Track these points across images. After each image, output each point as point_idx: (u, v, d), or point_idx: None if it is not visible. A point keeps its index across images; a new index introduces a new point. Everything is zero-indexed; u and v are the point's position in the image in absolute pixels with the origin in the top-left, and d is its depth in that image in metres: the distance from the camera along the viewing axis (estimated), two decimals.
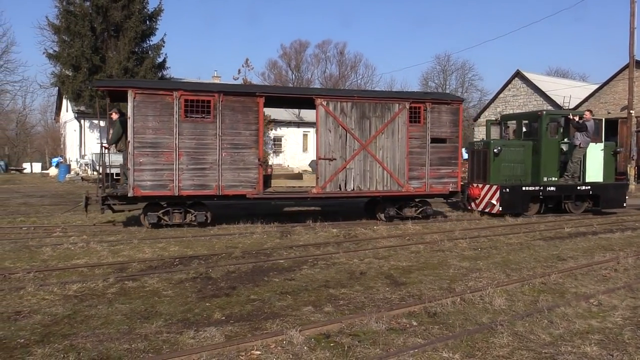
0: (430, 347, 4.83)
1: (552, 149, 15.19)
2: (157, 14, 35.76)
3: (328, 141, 12.67)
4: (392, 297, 6.61)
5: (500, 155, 14.88)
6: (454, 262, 8.73)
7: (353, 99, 12.92)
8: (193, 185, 11.71)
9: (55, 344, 4.84)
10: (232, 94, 12.07)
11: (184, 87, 11.96)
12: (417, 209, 13.82)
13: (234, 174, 11.96)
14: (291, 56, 75.69)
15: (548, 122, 15.07)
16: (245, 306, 6.13)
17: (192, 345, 4.84)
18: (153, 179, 11.45)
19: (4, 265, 8.18)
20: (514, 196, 14.60)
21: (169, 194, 11.59)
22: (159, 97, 11.46)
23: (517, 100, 39.24)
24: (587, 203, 15.71)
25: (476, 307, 6.12)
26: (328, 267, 8.25)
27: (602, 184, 15.57)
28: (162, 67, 36.38)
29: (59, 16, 33.38)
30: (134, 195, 11.39)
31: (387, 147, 13.09)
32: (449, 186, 13.68)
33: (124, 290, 6.75)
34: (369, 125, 12.94)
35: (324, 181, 12.67)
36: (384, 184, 13.11)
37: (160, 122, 11.44)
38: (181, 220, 12.00)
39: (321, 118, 12.64)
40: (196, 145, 11.70)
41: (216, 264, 8.33)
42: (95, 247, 9.58)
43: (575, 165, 15.20)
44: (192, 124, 11.67)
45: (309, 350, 4.75)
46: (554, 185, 15.06)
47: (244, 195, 12.08)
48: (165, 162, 11.50)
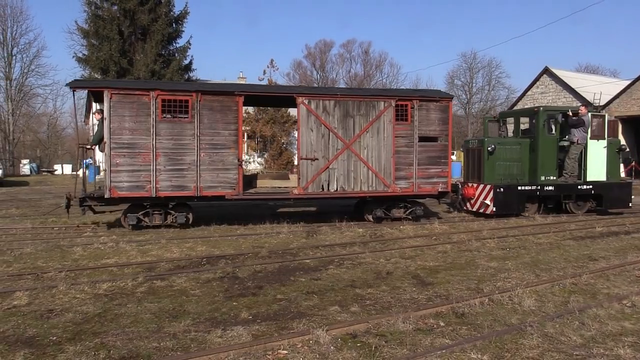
0: (458, 347, 4.78)
1: (549, 146, 14.56)
2: (183, 16, 36.15)
3: (310, 141, 12.35)
4: (419, 297, 6.56)
5: (495, 154, 14.38)
6: (481, 262, 8.62)
7: (336, 97, 12.58)
8: (171, 187, 11.57)
9: (86, 342, 4.93)
10: (210, 93, 11.88)
11: (160, 87, 11.87)
12: (406, 209, 13.37)
13: (212, 175, 11.77)
14: (316, 56, 75.83)
15: (545, 118, 14.49)
16: (272, 306, 6.16)
17: (219, 344, 4.88)
18: (130, 180, 11.35)
19: (36, 264, 8.39)
20: (509, 196, 14.08)
21: (147, 195, 11.47)
22: (136, 97, 11.36)
23: (546, 98, 38.55)
24: (589, 203, 15.08)
25: (505, 308, 6.03)
26: (354, 267, 8.23)
27: (606, 182, 14.87)
28: (189, 69, 36.77)
29: (88, 20, 34.02)
30: (110, 197, 11.32)
31: (372, 147, 12.70)
32: (439, 186, 13.18)
33: (152, 290, 6.84)
34: (353, 124, 12.58)
35: (305, 182, 12.34)
36: (369, 184, 12.71)
37: (137, 122, 11.33)
38: (161, 222, 11.92)
39: (302, 117, 12.35)
40: (174, 146, 11.56)
41: (243, 264, 8.39)
42: (124, 247, 9.74)
43: (573, 163, 14.56)
44: (169, 124, 11.53)
45: (335, 350, 4.74)
46: (553, 185, 14.46)
47: (224, 196, 11.92)
48: (142, 163, 11.38)
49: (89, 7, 33.76)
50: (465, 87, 69.59)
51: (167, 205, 12.04)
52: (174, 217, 11.98)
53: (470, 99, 68.16)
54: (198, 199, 11.93)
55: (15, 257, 8.90)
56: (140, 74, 33.08)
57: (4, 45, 49.75)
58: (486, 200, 14.09)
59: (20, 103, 52.61)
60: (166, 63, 34.90)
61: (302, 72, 75.30)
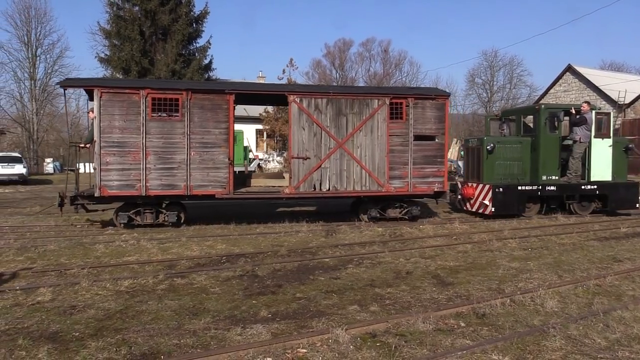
0: (479, 348, 4.72)
1: (551, 145, 14.04)
2: (203, 16, 36.42)
3: (301, 139, 12.18)
4: (439, 297, 6.51)
5: (495, 153, 13.99)
6: (503, 262, 8.52)
7: (328, 95, 12.39)
8: (161, 185, 11.53)
9: (108, 338, 4.99)
10: (200, 91, 11.82)
11: (150, 85, 11.84)
12: (403, 209, 13.14)
13: (203, 174, 11.71)
14: (335, 55, 75.77)
15: (547, 116, 13.96)
16: (291, 304, 6.17)
17: (239, 342, 4.90)
18: (120, 179, 11.35)
19: (60, 261, 8.52)
20: (509, 196, 13.68)
21: (137, 194, 11.45)
22: (126, 96, 11.34)
23: (569, 96, 37.99)
24: (594, 203, 14.58)
25: (527, 309, 5.95)
26: (374, 266, 8.20)
27: (611, 183, 14.33)
28: (209, 69, 37.03)
29: (110, 21, 34.47)
30: (100, 195, 11.35)
31: (366, 145, 12.49)
32: (435, 186, 12.86)
33: (173, 287, 6.90)
34: (346, 123, 12.38)
35: (297, 181, 12.19)
36: (362, 183, 12.50)
37: (127, 121, 11.32)
38: (152, 221, 11.92)
39: (294, 115, 12.18)
40: (164, 145, 11.52)
41: (262, 262, 8.42)
42: (145, 245, 9.85)
43: (577, 162, 14.08)
44: (159, 123, 11.49)
45: (355, 350, 4.73)
46: (554, 185, 14.01)
47: (214, 195, 11.85)
48: (132, 161, 11.36)
49: (110, 8, 34.22)
50: (486, 85, 68.89)
51: (160, 204, 12.00)
52: (166, 216, 11.99)
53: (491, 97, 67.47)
54: (188, 198, 11.87)
55: (39, 254, 9.06)
56: (161, 73, 33.40)
57: (28, 46, 50.68)
58: (485, 201, 13.74)
59: (44, 103, 53.51)
60: (186, 63, 35.20)
61: (321, 71, 75.33)
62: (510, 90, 66.88)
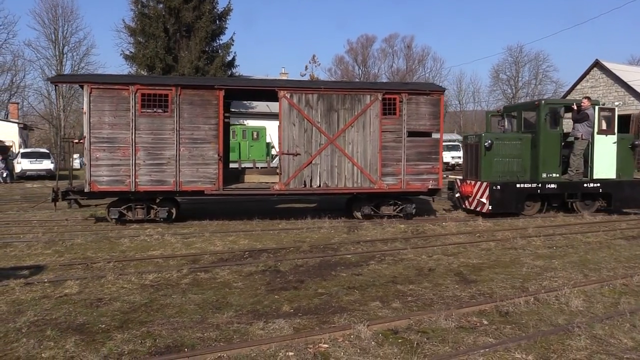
0: (502, 347, 4.69)
1: (552, 142, 13.53)
2: (227, 13, 36.67)
3: (292, 135, 12.07)
4: (462, 294, 6.47)
5: (493, 150, 13.53)
6: (527, 260, 8.42)
7: (319, 91, 12.24)
8: (150, 181, 11.56)
9: (134, 330, 5.09)
10: (190, 87, 11.81)
11: (140, 81, 11.87)
12: (397, 207, 12.93)
13: (192, 170, 11.71)
14: (357, 51, 75.64)
15: (547, 112, 13.47)
16: (313, 300, 6.19)
17: (261, 336, 4.94)
18: (110, 175, 11.41)
19: (86, 254, 8.70)
20: (506, 194, 13.27)
21: (126, 189, 11.51)
22: (115, 92, 11.39)
23: (596, 92, 37.25)
24: (598, 202, 14.13)
25: (551, 308, 5.88)
26: (396, 263, 8.18)
27: (615, 180, 13.85)
28: (232, 65, 37.28)
29: (135, 19, 34.93)
30: (90, 191, 11.42)
31: (358, 141, 12.31)
32: (429, 183, 12.63)
33: (196, 281, 6.99)
34: (337, 118, 12.22)
35: (287, 177, 12.08)
36: (353, 180, 12.33)
37: (116, 117, 11.38)
38: (143, 217, 11.96)
39: (284, 111, 12.06)
40: (153, 140, 11.54)
41: (284, 258, 8.46)
42: (169, 239, 9.98)
43: (578, 159, 13.60)
44: (149, 119, 11.53)
45: (376, 346, 4.73)
46: (555, 182, 13.58)
47: (203, 191, 11.87)
48: (122, 157, 11.41)
49: (135, 6, 34.67)
50: (511, 81, 68.09)
51: (153, 199, 12.02)
52: (157, 212, 12.01)
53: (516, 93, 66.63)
54: (177, 194, 11.91)
55: (67, 248, 9.25)
56: (184, 70, 33.73)
57: (55, 44, 51.71)
58: (482, 199, 13.36)
59: (71, 100, 54.51)
60: (210, 59, 35.49)
61: (343, 68, 75.32)
62: (536, 86, 66.03)
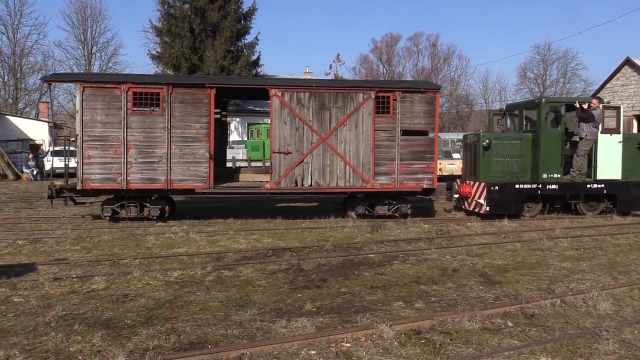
0: (527, 349, 4.62)
1: (553, 141, 13.05)
2: (251, 13, 36.91)
3: (283, 134, 12.00)
4: (486, 296, 6.39)
5: (492, 149, 13.15)
6: (553, 262, 8.28)
7: (311, 89, 12.14)
8: (142, 179, 11.61)
9: (158, 326, 5.16)
10: (181, 85, 11.84)
11: (132, 80, 11.91)
12: (392, 206, 12.75)
13: (183, 168, 11.72)
14: (382, 50, 75.20)
15: (548, 110, 13.02)
16: (336, 299, 6.19)
17: (284, 334, 4.96)
18: (102, 172, 11.50)
19: (113, 251, 8.85)
20: (505, 195, 12.89)
21: (118, 187, 11.58)
22: (107, 90, 11.46)
23: (627, 90, 36.41)
24: (603, 204, 13.61)
25: (578, 311, 5.77)
26: (419, 263, 8.13)
27: (621, 181, 13.36)
28: (256, 65, 37.50)
29: (161, 19, 35.41)
30: (82, 188, 11.54)
31: (350, 140, 12.17)
32: (423, 183, 12.41)
33: (220, 279, 7.05)
34: (329, 117, 12.10)
35: (278, 176, 12.00)
36: (346, 179, 12.19)
37: (108, 115, 11.45)
38: (136, 214, 12.00)
39: (275, 110, 12.00)
40: (145, 139, 11.59)
41: (307, 257, 8.48)
42: (194, 237, 10.09)
43: (582, 160, 13.11)
44: (140, 117, 11.57)
45: (399, 346, 4.71)
46: (556, 183, 13.11)
47: (194, 189, 11.87)
48: (113, 155, 11.49)
49: (162, 6, 35.13)
50: (539, 79, 66.83)
51: (146, 197, 12.08)
52: (149, 210, 12.06)
53: (543, 92, 65.48)
54: (168, 192, 11.97)
55: (94, 244, 9.43)
56: (210, 69, 34.05)
57: (84, 44, 52.62)
58: (480, 200, 13.00)
59: None
60: (235, 59, 35.76)
61: (368, 67, 75.00)
62: (564, 85, 64.66)
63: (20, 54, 49.43)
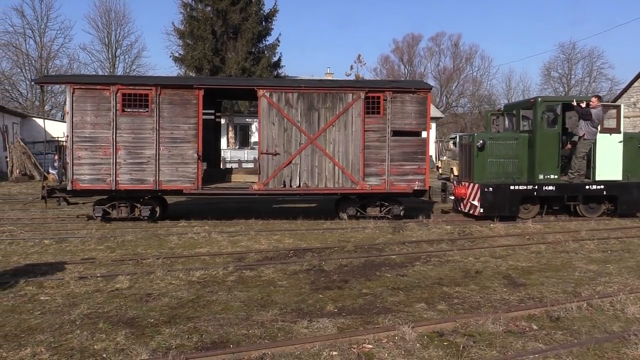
0: (552, 353, 4.54)
1: (549, 141, 12.67)
2: (273, 14, 37.00)
3: (271, 135, 11.95)
4: (510, 298, 6.30)
5: (486, 150, 12.82)
6: (579, 264, 8.13)
7: (299, 90, 12.04)
8: (131, 180, 11.69)
9: (181, 325, 5.20)
10: (170, 87, 11.86)
11: (121, 81, 11.98)
12: (384, 208, 12.60)
13: (172, 169, 11.76)
14: (403, 50, 74.92)
15: (544, 110, 12.64)
16: (357, 300, 6.17)
17: (305, 335, 4.96)
18: (91, 173, 11.60)
19: (136, 251, 8.95)
20: (499, 197, 12.58)
21: (107, 187, 11.67)
22: (97, 92, 11.56)
23: None
24: (604, 205, 13.23)
25: (605, 314, 5.65)
26: (441, 265, 8.06)
27: (621, 182, 12.93)
28: (278, 66, 37.60)
29: (184, 21, 35.71)
30: (73, 189, 11.64)
31: (339, 141, 12.05)
32: (415, 184, 12.23)
33: (242, 279, 7.08)
34: (318, 118, 12.00)
35: (266, 177, 11.96)
36: (334, 180, 12.07)
37: (98, 116, 11.54)
38: (127, 215, 12.06)
39: (263, 110, 11.96)
40: (134, 140, 11.66)
41: (329, 257, 8.47)
42: (216, 237, 10.15)
43: (580, 161, 12.71)
44: (129, 118, 11.66)
45: (421, 348, 4.67)
46: (553, 184, 12.73)
47: (182, 190, 11.89)
48: (103, 156, 11.59)
49: (184, 9, 35.44)
50: (563, 79, 65.85)
51: (137, 198, 12.15)
52: (140, 210, 12.10)
53: (568, 92, 64.45)
54: (157, 192, 12.01)
55: (118, 244, 9.55)
56: (231, 71, 34.25)
57: (108, 47, 53.45)
58: (474, 201, 12.74)
59: None
60: (256, 60, 35.90)
61: (389, 67, 74.78)
62: (590, 84, 63.55)
63: (47, 57, 50.39)
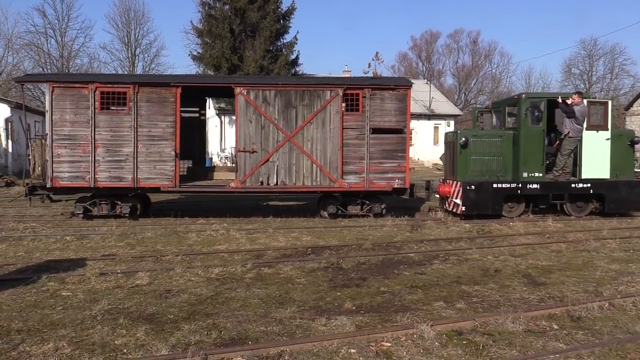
0: (573, 353, 4.48)
1: (534, 139, 12.47)
2: (290, 12, 37.01)
3: (248, 132, 11.97)
4: (530, 297, 6.24)
5: (469, 148, 12.66)
6: (601, 263, 8.01)
7: (277, 87, 12.05)
8: (109, 177, 11.79)
9: (200, 322, 5.24)
10: (147, 85, 11.94)
11: (99, 80, 12.04)
12: (365, 206, 12.53)
13: (150, 166, 11.84)
14: (422, 47, 74.54)
15: (528, 107, 12.46)
16: (376, 297, 6.16)
17: (323, 332, 4.96)
18: (70, 171, 11.72)
19: (156, 248, 9.05)
20: (482, 195, 12.44)
21: (86, 185, 11.78)
22: (76, 90, 11.68)
23: None
24: (592, 204, 13.00)
25: (628, 314, 5.56)
26: (460, 263, 8.01)
27: (609, 181, 12.68)
28: (296, 64, 37.62)
29: (202, 20, 35.93)
30: (52, 186, 11.74)
31: (317, 139, 12.02)
32: (394, 182, 12.15)
33: (260, 276, 7.11)
34: (295, 115, 11.99)
35: (243, 175, 11.97)
36: (312, 178, 12.04)
37: (77, 114, 11.66)
38: (108, 212, 12.12)
39: (241, 108, 11.95)
40: (112, 138, 11.75)
41: (347, 255, 8.47)
42: (234, 235, 10.21)
43: (565, 159, 12.52)
44: (108, 116, 11.75)
45: (440, 346, 4.64)
46: (538, 182, 12.57)
47: (159, 187, 11.95)
48: (82, 154, 11.70)
49: (203, 8, 35.65)
50: (584, 76, 64.85)
51: (118, 195, 12.23)
52: (121, 207, 12.16)
53: (589, 89, 63.47)
54: (135, 190, 12.10)
55: (138, 241, 9.66)
56: (249, 69, 34.36)
57: (128, 46, 53.97)
58: (457, 199, 12.61)
59: None
60: (274, 59, 35.96)
61: (407, 64, 74.44)
62: (611, 81, 62.54)
63: (68, 57, 51.07)
